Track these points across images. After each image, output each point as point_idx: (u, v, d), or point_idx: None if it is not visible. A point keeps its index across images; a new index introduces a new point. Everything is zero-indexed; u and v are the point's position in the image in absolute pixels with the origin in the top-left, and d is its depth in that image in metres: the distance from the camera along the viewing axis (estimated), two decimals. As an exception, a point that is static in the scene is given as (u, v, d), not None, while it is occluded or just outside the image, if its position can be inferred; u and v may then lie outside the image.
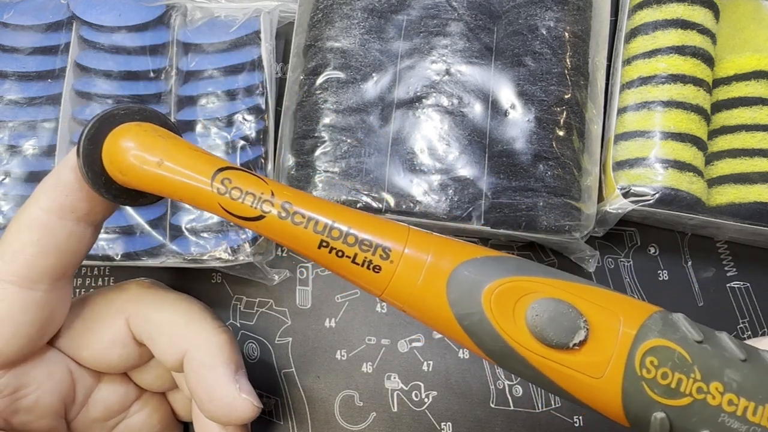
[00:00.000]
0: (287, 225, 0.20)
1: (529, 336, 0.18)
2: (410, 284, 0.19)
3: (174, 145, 0.21)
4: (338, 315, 0.35)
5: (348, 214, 0.20)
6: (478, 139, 0.33)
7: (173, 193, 0.21)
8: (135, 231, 0.32)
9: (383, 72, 0.34)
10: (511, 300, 0.18)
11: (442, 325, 0.19)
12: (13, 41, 0.34)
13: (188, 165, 0.20)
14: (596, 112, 0.34)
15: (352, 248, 0.19)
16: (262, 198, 0.20)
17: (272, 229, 0.20)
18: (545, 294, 0.18)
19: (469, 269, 0.19)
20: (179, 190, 0.20)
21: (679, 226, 0.36)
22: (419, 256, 0.19)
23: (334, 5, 0.34)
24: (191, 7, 0.35)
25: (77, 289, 0.36)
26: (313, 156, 0.33)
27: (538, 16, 0.34)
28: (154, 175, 0.20)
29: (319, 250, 0.20)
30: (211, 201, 0.20)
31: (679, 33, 0.33)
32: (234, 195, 0.20)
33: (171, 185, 0.20)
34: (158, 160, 0.20)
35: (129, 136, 0.21)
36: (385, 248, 0.19)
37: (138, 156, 0.20)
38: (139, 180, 0.21)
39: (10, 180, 0.32)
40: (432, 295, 0.19)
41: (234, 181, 0.20)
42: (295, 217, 0.20)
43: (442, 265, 0.19)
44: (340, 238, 0.19)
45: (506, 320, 0.18)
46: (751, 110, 0.33)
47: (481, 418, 0.34)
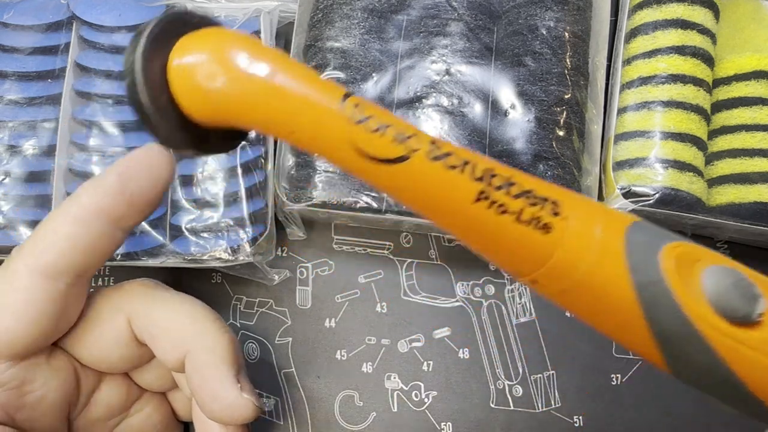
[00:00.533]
0: (438, 168, 0.14)
1: (708, 308, 0.14)
2: (586, 246, 0.14)
3: (282, 55, 0.15)
4: (338, 315, 0.35)
5: (505, 166, 0.15)
6: (478, 139, 0.33)
7: (285, 122, 0.15)
8: (135, 231, 0.32)
9: (383, 72, 0.34)
10: (688, 266, 0.15)
11: (615, 305, 0.15)
12: (13, 41, 0.34)
13: (310, 80, 0.15)
14: (596, 112, 0.34)
15: (517, 201, 0.14)
16: (405, 132, 0.15)
17: (417, 176, 0.15)
18: (715, 261, 0.15)
19: (644, 229, 0.15)
20: (298, 114, 0.15)
21: (679, 226, 0.36)
22: (588, 213, 0.15)
23: (334, 5, 0.34)
24: (191, 7, 0.35)
25: (77, 289, 0.36)
26: (313, 155, 0.33)
27: (538, 16, 0.34)
28: (264, 90, 0.14)
29: (476, 205, 0.14)
30: (341, 132, 0.14)
31: (679, 33, 0.33)
32: (371, 125, 0.14)
33: (288, 105, 0.15)
34: (270, 69, 0.14)
35: (215, 42, 0.15)
36: (555, 201, 0.15)
37: (239, 66, 0.14)
38: (238, 102, 0.15)
39: (10, 180, 0.32)
40: (610, 260, 0.15)
41: (368, 109, 0.15)
42: (448, 159, 0.14)
43: (616, 223, 0.15)
44: (502, 188, 0.14)
45: (687, 290, 0.14)
46: (751, 110, 0.33)
47: (481, 418, 0.34)
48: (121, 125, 0.33)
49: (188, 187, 0.33)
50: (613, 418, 0.34)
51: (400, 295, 0.36)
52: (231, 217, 0.32)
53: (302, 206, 0.32)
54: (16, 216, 0.32)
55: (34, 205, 0.32)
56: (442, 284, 0.36)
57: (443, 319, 0.35)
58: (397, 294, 0.36)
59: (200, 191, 0.33)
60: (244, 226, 0.32)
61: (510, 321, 0.35)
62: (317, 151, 0.15)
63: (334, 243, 0.37)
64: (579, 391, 0.34)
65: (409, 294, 0.36)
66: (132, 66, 0.14)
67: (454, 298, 0.36)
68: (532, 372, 0.35)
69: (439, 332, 0.35)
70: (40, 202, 0.33)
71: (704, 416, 0.34)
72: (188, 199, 0.33)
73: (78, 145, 0.33)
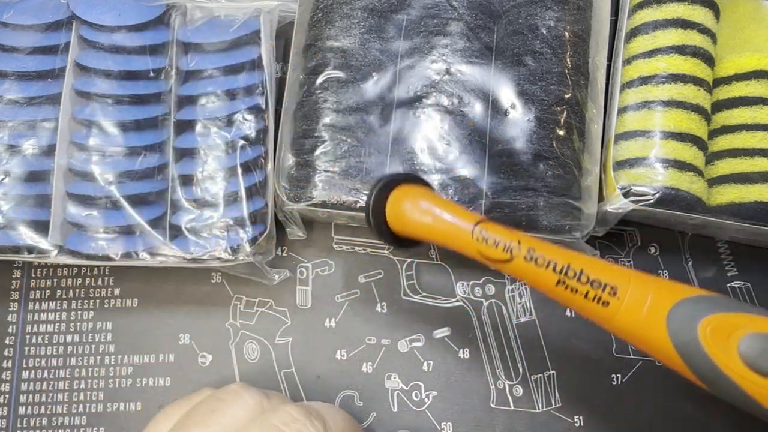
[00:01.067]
0: (531, 266, 0.23)
1: (741, 365, 0.20)
2: (635, 318, 0.22)
3: (442, 201, 0.27)
4: (338, 315, 0.35)
5: (580, 258, 0.23)
6: (479, 139, 0.33)
7: (440, 240, 0.26)
8: (135, 231, 0.32)
9: (383, 71, 0.34)
10: (725, 333, 0.21)
11: (663, 354, 0.22)
12: (12, 41, 0.34)
13: (455, 215, 0.26)
14: (596, 112, 0.34)
15: (585, 286, 0.22)
16: (510, 245, 0.24)
17: (518, 270, 0.24)
18: (756, 329, 0.20)
19: (686, 306, 0.21)
20: (447, 237, 0.26)
21: (680, 225, 0.36)
22: (642, 293, 0.22)
23: (334, 5, 0.34)
24: (191, 6, 0.35)
25: (75, 289, 0.36)
26: (313, 155, 0.33)
27: (539, 15, 0.34)
28: (428, 226, 0.26)
29: (557, 287, 0.23)
30: (471, 246, 0.25)
31: (679, 32, 0.33)
32: (490, 242, 0.24)
33: (441, 234, 0.26)
34: (433, 214, 0.26)
35: (408, 195, 0.27)
36: (613, 287, 0.22)
37: (415, 211, 0.26)
38: (415, 229, 0.26)
39: (10, 180, 0.32)
40: (654, 327, 0.22)
41: (489, 231, 0.25)
42: (537, 260, 0.23)
43: (661, 301, 0.22)
44: (574, 278, 0.23)
45: (721, 351, 0.20)
46: (751, 110, 0.33)
47: (481, 418, 0.34)
48: (120, 125, 0.33)
49: (188, 187, 0.33)
50: (613, 418, 0.34)
51: (400, 295, 0.36)
52: (231, 217, 0.32)
53: (302, 206, 0.32)
54: (16, 216, 0.32)
55: (34, 205, 0.32)
56: (442, 284, 0.36)
57: (443, 319, 0.35)
58: (397, 294, 0.36)
59: (200, 191, 0.33)
60: (244, 226, 0.32)
61: (510, 321, 0.35)
62: (459, 252, 0.26)
63: (334, 243, 0.36)
64: (579, 391, 0.34)
65: (409, 294, 0.36)
66: (368, 207, 0.27)
67: (454, 298, 0.36)
68: (532, 372, 0.35)
69: (440, 332, 0.35)
70: (40, 202, 0.32)
71: (704, 416, 0.34)
72: (188, 199, 0.33)
73: (78, 145, 0.33)
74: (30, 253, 0.32)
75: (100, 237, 0.32)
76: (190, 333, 0.35)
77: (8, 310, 0.36)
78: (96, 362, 0.35)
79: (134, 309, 0.36)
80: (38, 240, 0.32)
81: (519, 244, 0.24)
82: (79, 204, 0.33)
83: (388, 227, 0.27)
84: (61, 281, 0.36)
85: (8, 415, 0.34)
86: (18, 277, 0.36)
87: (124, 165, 0.33)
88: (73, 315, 0.35)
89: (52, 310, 0.36)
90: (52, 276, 0.36)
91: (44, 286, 0.36)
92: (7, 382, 0.35)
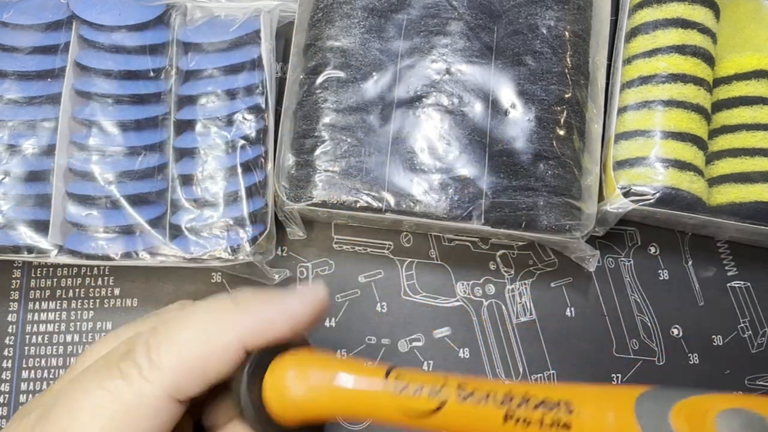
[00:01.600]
0: (468, 407, 0.19)
1: None
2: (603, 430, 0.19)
3: (336, 362, 0.21)
4: (338, 315, 0.35)
5: (518, 384, 0.20)
6: (479, 139, 0.33)
7: (348, 411, 0.21)
8: (135, 230, 0.32)
9: (383, 71, 0.34)
10: (698, 417, 0.18)
11: None
12: (12, 41, 0.34)
13: (358, 373, 0.20)
14: (596, 112, 0.34)
15: (536, 412, 0.19)
16: (436, 386, 0.20)
17: (454, 416, 0.19)
18: (727, 406, 0.19)
19: (651, 397, 0.19)
20: (357, 404, 0.20)
21: (680, 225, 0.36)
22: (600, 400, 0.19)
23: (334, 5, 0.34)
24: (191, 6, 0.35)
25: (75, 289, 0.36)
26: (314, 155, 0.33)
27: (539, 15, 0.34)
28: (327, 399, 0.20)
29: (506, 425, 0.19)
30: (389, 404, 0.20)
31: (679, 32, 0.33)
32: (411, 392, 0.20)
33: (346, 404, 0.20)
34: (332, 375, 0.20)
35: (294, 364, 0.21)
36: (567, 402, 0.19)
37: (301, 386, 0.20)
38: (309, 408, 0.21)
39: (10, 179, 0.32)
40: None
41: (406, 378, 0.20)
42: (474, 395, 0.19)
43: (624, 401, 0.19)
44: (522, 405, 0.19)
45: None
46: (751, 109, 0.33)
47: (481, 417, 0.34)
48: (120, 125, 0.33)
49: (188, 187, 0.33)
50: (614, 417, 0.34)
51: (400, 294, 0.36)
52: (231, 217, 0.32)
53: (302, 205, 0.32)
54: (15, 215, 0.32)
55: (33, 205, 0.32)
56: (442, 284, 0.36)
57: (443, 319, 0.35)
58: (397, 294, 0.36)
59: (200, 191, 0.33)
60: (244, 226, 0.32)
61: (510, 321, 0.35)
62: (377, 421, 0.20)
63: (334, 243, 0.36)
64: (579, 391, 0.34)
65: (409, 293, 0.36)
66: (238, 396, 0.20)
67: (454, 298, 0.36)
68: (532, 372, 0.34)
69: (440, 332, 0.35)
70: (40, 202, 0.32)
71: (705, 416, 0.34)
72: (188, 199, 0.33)
73: (77, 145, 0.33)
74: (30, 252, 0.32)
75: (100, 237, 0.32)
76: (190, 333, 0.35)
77: (8, 310, 0.35)
78: (96, 362, 0.35)
79: (134, 309, 0.36)
80: (38, 240, 0.32)
81: (446, 382, 0.20)
82: (79, 204, 0.33)
83: (271, 419, 0.21)
84: (61, 281, 0.36)
85: (8, 415, 0.34)
86: (18, 277, 0.36)
87: (124, 165, 0.33)
88: (73, 315, 0.35)
89: (52, 309, 0.36)
90: (52, 276, 0.36)
91: (44, 286, 0.36)
92: (7, 382, 0.35)
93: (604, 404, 0.19)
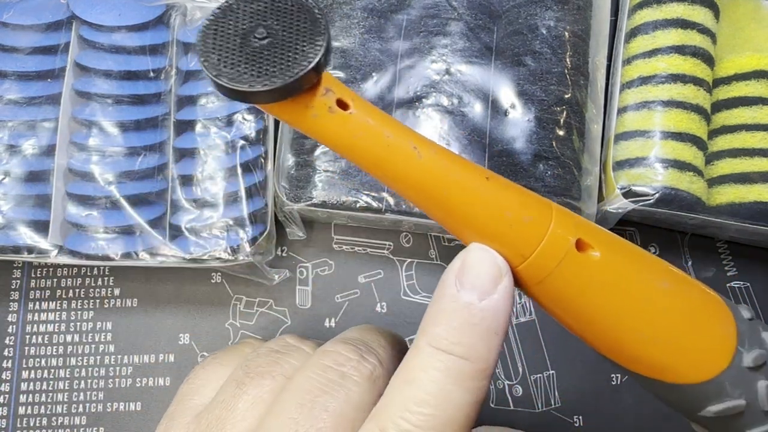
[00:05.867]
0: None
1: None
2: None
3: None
4: (338, 315, 0.35)
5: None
6: (478, 139, 0.33)
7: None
8: (135, 231, 0.32)
9: (383, 71, 0.34)
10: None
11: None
12: (12, 41, 0.34)
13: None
14: (596, 112, 0.34)
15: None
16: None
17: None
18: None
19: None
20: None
21: (679, 225, 0.36)
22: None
23: (334, 4, 0.34)
24: (191, 6, 0.35)
25: (75, 289, 0.36)
26: (313, 155, 0.33)
27: (538, 15, 0.34)
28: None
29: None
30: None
31: (679, 32, 0.33)
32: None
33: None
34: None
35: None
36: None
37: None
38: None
39: (10, 180, 0.32)
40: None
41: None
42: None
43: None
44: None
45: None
46: (751, 110, 0.33)
47: (480, 418, 0.34)
48: (120, 125, 0.33)
49: (188, 187, 0.33)
50: (613, 418, 0.34)
51: (400, 294, 0.36)
52: (231, 217, 0.32)
53: (302, 206, 0.32)
54: (16, 216, 0.32)
55: (34, 205, 0.32)
56: (442, 284, 0.36)
57: (443, 319, 0.35)
58: (397, 294, 0.36)
59: (200, 191, 0.33)
60: (244, 226, 0.32)
61: (510, 321, 0.35)
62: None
63: (334, 243, 0.36)
64: (579, 391, 0.34)
65: (409, 294, 0.36)
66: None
67: (454, 298, 0.36)
68: (532, 372, 0.35)
69: (439, 332, 0.35)
70: (40, 202, 0.32)
71: (704, 416, 0.34)
72: (188, 199, 0.33)
73: (78, 145, 0.33)
74: (30, 253, 0.32)
75: (99, 237, 0.32)
76: (189, 333, 0.35)
77: (8, 310, 0.36)
78: (96, 362, 0.35)
79: (134, 309, 0.36)
80: (38, 240, 0.32)
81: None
82: (79, 204, 0.33)
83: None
84: (61, 281, 0.36)
85: (8, 415, 0.34)
86: (18, 277, 0.36)
87: (124, 165, 0.33)
88: (73, 315, 0.35)
89: (52, 310, 0.36)
90: (52, 276, 0.36)
91: (44, 286, 0.36)
92: (7, 382, 0.35)
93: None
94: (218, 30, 0.16)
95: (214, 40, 0.16)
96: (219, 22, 0.16)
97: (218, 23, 0.16)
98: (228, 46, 0.16)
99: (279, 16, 0.16)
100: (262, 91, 0.15)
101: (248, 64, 0.16)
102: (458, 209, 0.17)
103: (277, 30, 0.16)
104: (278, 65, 0.16)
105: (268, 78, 0.15)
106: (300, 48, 0.16)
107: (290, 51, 0.16)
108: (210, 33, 0.16)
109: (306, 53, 0.16)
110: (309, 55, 0.16)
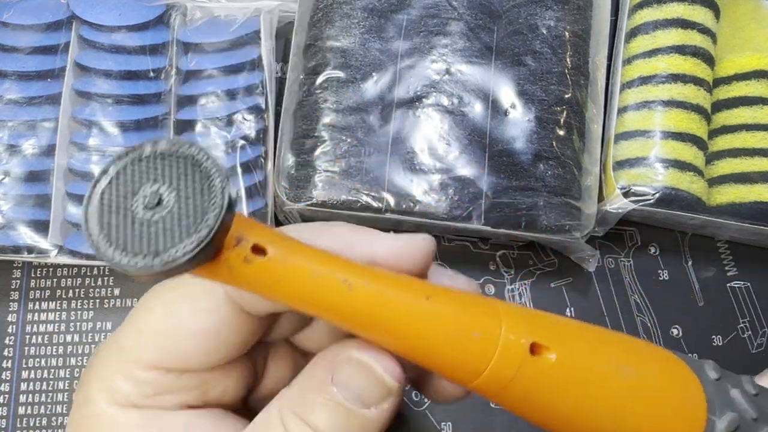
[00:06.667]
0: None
1: None
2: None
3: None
4: (338, 315, 0.35)
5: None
6: (479, 139, 0.33)
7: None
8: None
9: (383, 71, 0.34)
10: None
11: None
12: (12, 41, 0.34)
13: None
14: (596, 112, 0.34)
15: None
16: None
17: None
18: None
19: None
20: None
21: (680, 225, 0.36)
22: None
23: (334, 5, 0.34)
24: (191, 6, 0.35)
25: (75, 289, 0.36)
26: (313, 155, 0.33)
27: (539, 15, 0.34)
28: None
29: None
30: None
31: (679, 32, 0.33)
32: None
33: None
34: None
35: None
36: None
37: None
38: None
39: (10, 179, 0.32)
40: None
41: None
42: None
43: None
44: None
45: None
46: (751, 110, 0.33)
47: (481, 418, 0.34)
48: (120, 125, 0.33)
49: (188, 187, 0.33)
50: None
51: (400, 294, 0.36)
52: (231, 217, 0.32)
53: (302, 206, 0.32)
54: (15, 215, 0.32)
55: (33, 205, 0.32)
56: (442, 284, 0.36)
57: (443, 319, 0.35)
58: (397, 294, 0.36)
59: (200, 191, 0.33)
60: (244, 226, 0.32)
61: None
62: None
63: (334, 243, 0.36)
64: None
65: (409, 294, 0.36)
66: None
67: (454, 298, 0.36)
68: (532, 372, 0.34)
69: (439, 332, 0.35)
70: (40, 202, 0.32)
71: (704, 416, 0.34)
72: (188, 199, 0.33)
73: (78, 145, 0.33)
74: (30, 253, 0.32)
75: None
76: (190, 333, 0.35)
77: (8, 310, 0.35)
78: (96, 362, 0.35)
79: (134, 309, 0.36)
80: (38, 240, 0.32)
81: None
82: (79, 204, 0.33)
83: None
84: (61, 281, 0.36)
85: (8, 415, 0.34)
86: (18, 277, 0.36)
87: (124, 165, 0.33)
88: (73, 315, 0.35)
89: (51, 310, 0.36)
90: (52, 276, 0.36)
91: (44, 286, 0.36)
92: (7, 382, 0.35)
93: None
94: (103, 207, 0.14)
95: (100, 217, 0.14)
96: (103, 197, 0.14)
97: (103, 198, 0.14)
98: (116, 223, 0.14)
99: (170, 179, 0.14)
100: (163, 270, 0.14)
101: (141, 241, 0.14)
102: (400, 337, 0.16)
103: (169, 197, 0.14)
104: (174, 238, 0.14)
105: (166, 254, 0.14)
106: (197, 211, 0.14)
107: (186, 218, 0.14)
108: (94, 211, 0.14)
109: (205, 217, 0.14)
110: (209, 219, 0.14)
